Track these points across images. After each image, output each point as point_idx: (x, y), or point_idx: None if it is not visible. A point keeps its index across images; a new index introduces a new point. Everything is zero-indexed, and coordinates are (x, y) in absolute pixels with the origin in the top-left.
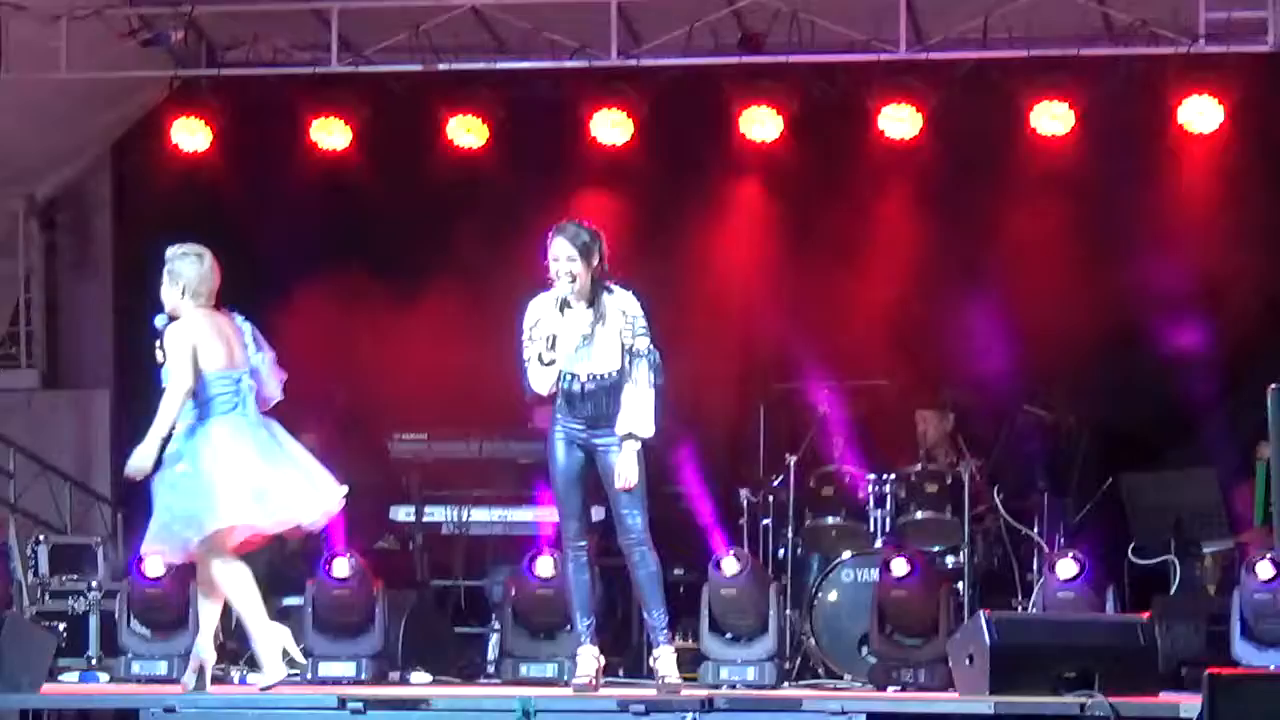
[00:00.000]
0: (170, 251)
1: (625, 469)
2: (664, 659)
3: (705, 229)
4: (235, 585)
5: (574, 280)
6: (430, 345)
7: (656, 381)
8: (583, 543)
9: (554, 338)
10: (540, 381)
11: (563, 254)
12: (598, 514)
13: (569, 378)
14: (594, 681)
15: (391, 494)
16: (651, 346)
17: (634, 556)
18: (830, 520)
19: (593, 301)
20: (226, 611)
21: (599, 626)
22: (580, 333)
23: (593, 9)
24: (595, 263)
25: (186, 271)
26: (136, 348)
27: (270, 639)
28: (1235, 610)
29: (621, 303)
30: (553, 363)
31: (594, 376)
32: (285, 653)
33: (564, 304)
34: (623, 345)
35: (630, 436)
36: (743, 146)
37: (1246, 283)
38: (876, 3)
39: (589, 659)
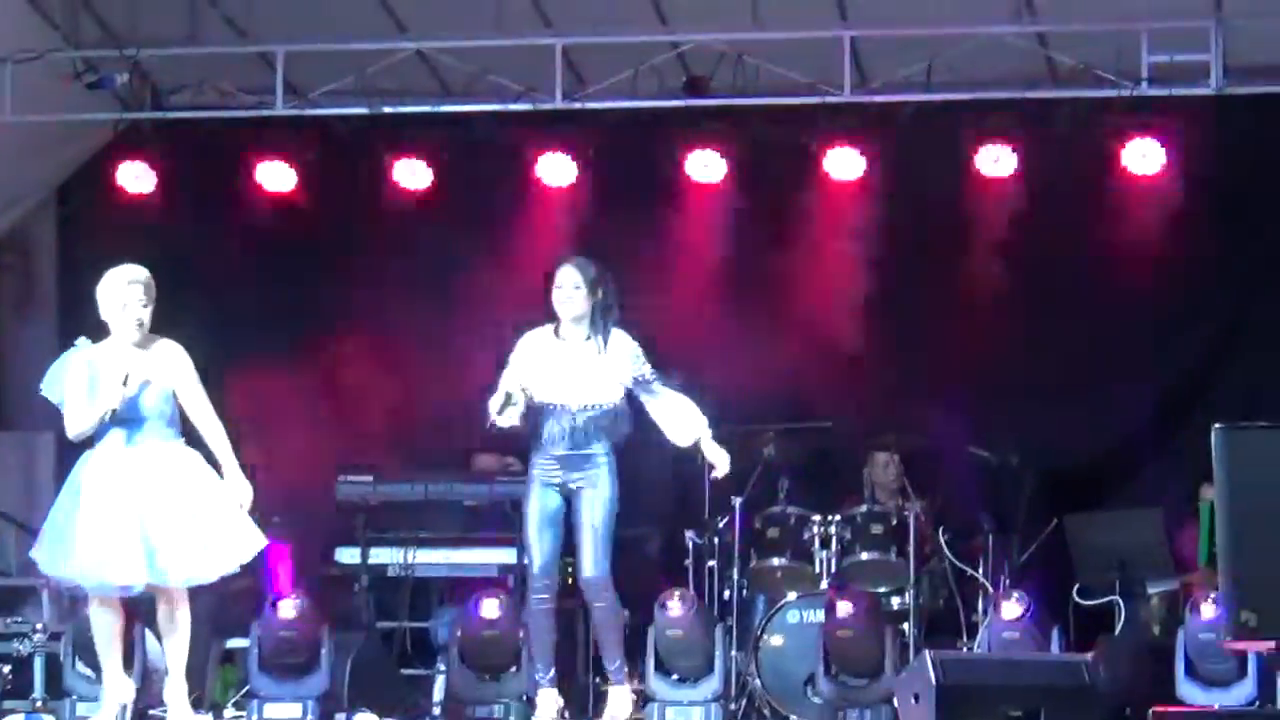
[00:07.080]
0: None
1: (718, 459)
2: (618, 700)
3: (650, 271)
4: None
5: (576, 308)
6: (375, 386)
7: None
8: (547, 584)
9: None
10: (498, 409)
11: (568, 282)
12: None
13: (555, 409)
14: None
15: (337, 535)
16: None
17: (598, 600)
18: (776, 562)
19: (592, 335)
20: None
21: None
22: (578, 362)
23: (537, 52)
24: (600, 297)
25: None
26: None
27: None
28: (1179, 650)
29: (622, 340)
30: (510, 397)
31: (588, 407)
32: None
33: (556, 332)
34: (634, 378)
35: (700, 438)
36: (687, 189)
37: (1189, 323)
38: (820, 46)
39: (549, 702)
